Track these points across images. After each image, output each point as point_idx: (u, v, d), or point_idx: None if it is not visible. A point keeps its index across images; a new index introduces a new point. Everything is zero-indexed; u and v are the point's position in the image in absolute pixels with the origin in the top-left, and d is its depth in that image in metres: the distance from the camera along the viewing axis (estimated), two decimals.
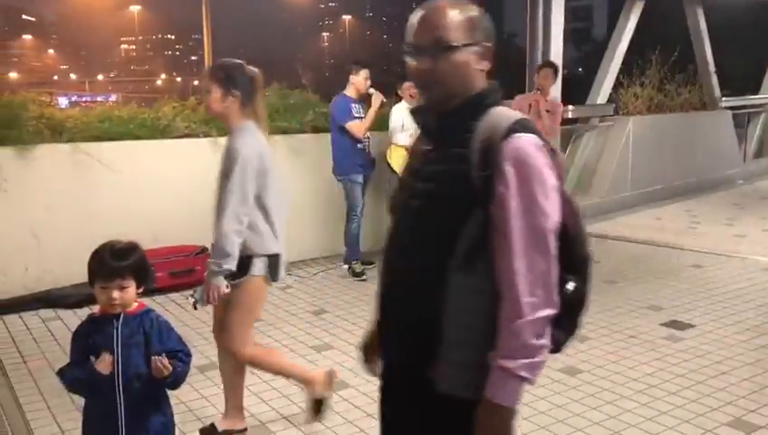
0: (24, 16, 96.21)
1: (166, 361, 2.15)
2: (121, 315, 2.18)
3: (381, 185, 6.33)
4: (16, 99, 5.49)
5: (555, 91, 8.07)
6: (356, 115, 5.86)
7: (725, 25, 15.04)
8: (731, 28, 17.18)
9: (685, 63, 11.02)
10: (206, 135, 5.90)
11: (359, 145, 5.86)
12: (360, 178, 5.91)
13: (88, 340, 2.18)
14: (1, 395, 3.61)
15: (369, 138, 6.02)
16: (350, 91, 5.93)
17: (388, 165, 6.21)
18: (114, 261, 2.15)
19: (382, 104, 5.94)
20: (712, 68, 11.62)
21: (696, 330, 4.52)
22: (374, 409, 3.38)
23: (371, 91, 5.92)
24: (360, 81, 5.90)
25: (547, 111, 6.25)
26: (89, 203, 5.31)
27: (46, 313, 4.89)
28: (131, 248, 2.21)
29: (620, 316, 4.78)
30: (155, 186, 5.58)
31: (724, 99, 11.78)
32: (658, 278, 5.77)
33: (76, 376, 2.17)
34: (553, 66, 6.59)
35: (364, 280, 5.76)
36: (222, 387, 3.28)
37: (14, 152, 5.06)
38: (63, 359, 2.32)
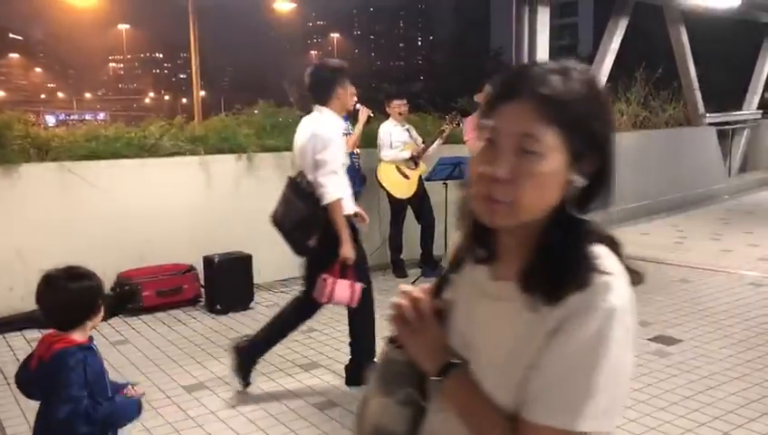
0: (10, 35, 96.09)
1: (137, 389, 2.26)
2: (93, 339, 2.22)
3: (371, 201, 6.34)
4: (1, 118, 5.46)
5: None
6: (344, 132, 5.87)
7: (708, 43, 15.26)
8: (713, 45, 17.43)
9: (669, 80, 11.16)
10: (193, 153, 5.88)
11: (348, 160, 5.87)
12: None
13: (86, 369, 2.09)
14: None
15: (358, 154, 6.04)
16: None
17: (378, 182, 6.25)
18: None
19: (369, 119, 5.97)
20: (695, 85, 11.77)
21: (684, 345, 4.53)
22: None
23: (358, 106, 5.95)
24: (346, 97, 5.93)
25: None
26: (75, 222, 5.27)
27: (31, 333, 4.83)
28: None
29: None
30: (141, 205, 5.54)
31: (708, 115, 11.92)
32: (645, 293, 5.79)
33: (110, 408, 2.10)
34: None
35: None
36: (209, 407, 3.24)
37: None
38: None
